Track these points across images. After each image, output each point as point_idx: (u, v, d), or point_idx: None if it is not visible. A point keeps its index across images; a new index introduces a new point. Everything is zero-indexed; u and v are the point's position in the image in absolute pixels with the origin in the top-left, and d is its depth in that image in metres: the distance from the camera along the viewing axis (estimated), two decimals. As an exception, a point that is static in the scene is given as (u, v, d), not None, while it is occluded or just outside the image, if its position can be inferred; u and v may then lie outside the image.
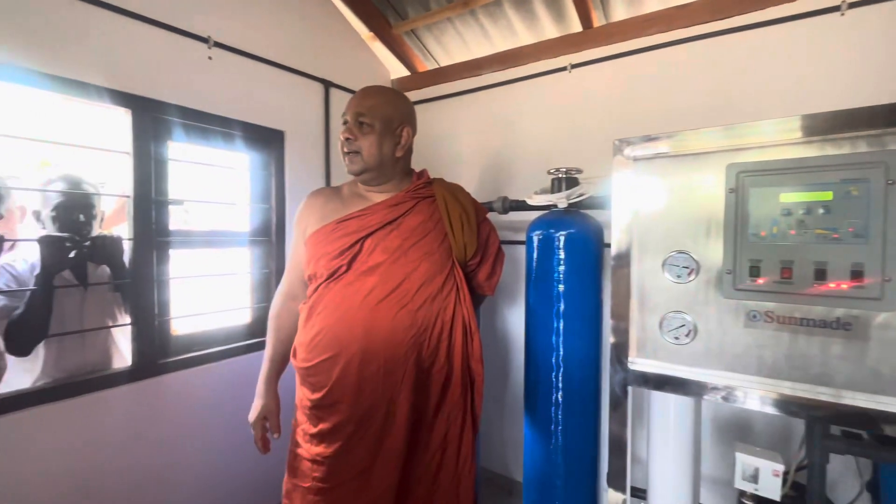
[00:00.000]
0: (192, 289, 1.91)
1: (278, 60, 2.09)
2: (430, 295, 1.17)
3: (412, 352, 1.14)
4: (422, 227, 1.21)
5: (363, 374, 1.12)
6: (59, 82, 1.45)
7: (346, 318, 1.13)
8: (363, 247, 1.17)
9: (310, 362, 1.16)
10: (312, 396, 1.16)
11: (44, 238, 1.47)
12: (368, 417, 1.13)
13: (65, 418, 1.46)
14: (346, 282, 1.16)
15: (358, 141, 1.20)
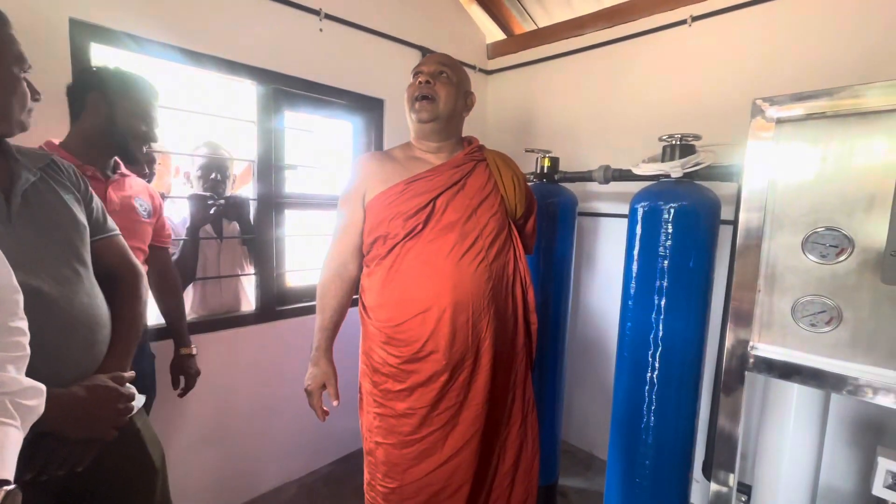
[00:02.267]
0: (303, 246, 2.11)
1: (380, 29, 2.14)
2: (498, 249, 1.27)
3: (492, 301, 1.25)
4: (484, 188, 1.29)
5: (455, 324, 1.20)
6: (196, 57, 1.64)
7: (434, 273, 1.21)
8: (436, 206, 1.24)
9: (399, 319, 1.23)
10: (402, 352, 1.23)
11: (192, 196, 1.73)
12: (459, 364, 1.23)
13: (208, 347, 1.74)
14: (427, 239, 1.22)
15: (436, 87, 1.25)
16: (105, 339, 0.87)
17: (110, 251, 0.97)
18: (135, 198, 1.32)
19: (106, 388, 0.81)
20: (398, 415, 1.24)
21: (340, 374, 1.30)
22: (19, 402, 0.60)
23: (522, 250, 1.36)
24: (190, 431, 1.75)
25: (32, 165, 0.86)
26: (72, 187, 0.91)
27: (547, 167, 1.85)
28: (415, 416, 1.23)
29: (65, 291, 0.80)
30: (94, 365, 0.84)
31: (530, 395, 1.41)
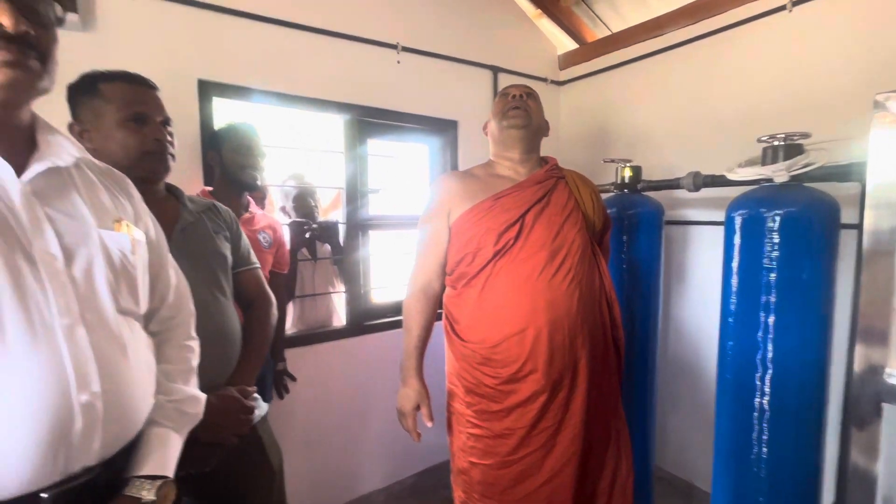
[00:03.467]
0: (386, 264, 2.24)
1: (452, 54, 2.24)
2: (586, 266, 1.26)
3: (585, 319, 1.23)
4: (568, 204, 1.28)
5: (553, 343, 1.19)
6: (292, 100, 1.84)
7: (528, 293, 1.20)
8: (524, 222, 1.23)
9: (495, 340, 1.22)
10: (500, 373, 1.23)
11: (292, 223, 1.93)
12: (559, 383, 1.22)
13: (305, 359, 1.91)
14: (518, 259, 1.22)
15: (528, 102, 1.31)
16: (235, 355, 1.01)
17: (249, 281, 1.15)
18: (259, 232, 1.52)
19: (233, 399, 0.94)
20: (495, 435, 1.23)
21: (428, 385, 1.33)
22: (183, 410, 0.72)
23: (605, 266, 1.34)
24: (288, 435, 1.92)
25: (195, 210, 1.04)
26: (224, 227, 1.09)
27: (628, 177, 1.78)
28: (513, 436, 1.22)
29: (205, 312, 0.95)
30: (224, 377, 0.97)
31: (621, 413, 1.37)
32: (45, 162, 0.60)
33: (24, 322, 0.52)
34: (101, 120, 0.94)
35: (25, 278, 0.54)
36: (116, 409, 0.59)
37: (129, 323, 0.66)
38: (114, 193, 0.71)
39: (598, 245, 1.39)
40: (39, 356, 0.53)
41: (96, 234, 0.63)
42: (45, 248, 0.57)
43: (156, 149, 0.97)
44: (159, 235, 0.79)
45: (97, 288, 0.61)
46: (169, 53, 1.57)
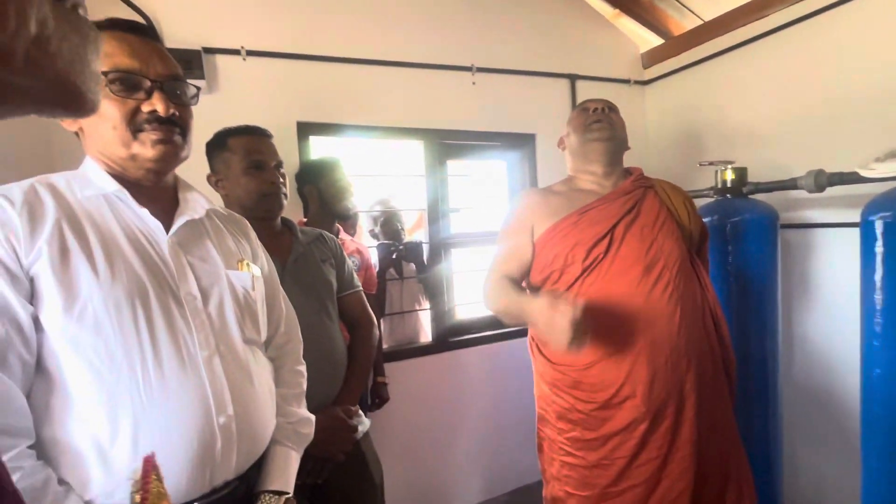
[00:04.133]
0: (469, 281, 2.27)
1: (527, 68, 2.22)
2: (685, 280, 1.17)
3: (688, 338, 1.13)
4: (660, 214, 1.21)
5: (654, 365, 1.10)
6: (377, 130, 1.97)
7: (622, 309, 1.13)
8: (614, 235, 1.17)
9: (587, 361, 1.14)
10: (593, 397, 1.15)
11: (379, 245, 2.05)
12: (661, 411, 1.11)
13: (394, 375, 1.99)
14: (610, 273, 1.15)
15: (610, 115, 1.27)
16: (341, 376, 1.11)
17: (353, 303, 1.27)
18: (350, 256, 1.65)
19: (340, 419, 1.02)
20: (591, 465, 1.16)
21: (509, 403, 1.32)
22: (298, 431, 0.81)
23: (708, 280, 1.23)
24: (385, 449, 2.01)
25: (305, 241, 1.18)
26: (330, 255, 1.22)
27: (731, 180, 1.61)
28: (612, 467, 1.14)
29: (314, 336, 1.05)
30: (332, 396, 1.07)
31: (739, 444, 1.24)
32: (184, 216, 0.72)
33: (175, 354, 0.63)
34: (230, 169, 1.11)
35: (175, 317, 0.65)
36: (247, 429, 0.68)
37: (253, 351, 0.75)
38: (236, 236, 0.83)
39: (696, 257, 1.28)
40: (188, 384, 0.63)
41: (224, 274, 0.74)
42: (189, 290, 0.68)
43: (271, 191, 1.11)
44: (272, 270, 0.90)
45: (228, 322, 0.71)
46: (273, 101, 1.78)
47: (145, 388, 0.60)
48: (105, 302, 0.59)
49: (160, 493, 0.44)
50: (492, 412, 2.19)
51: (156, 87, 0.67)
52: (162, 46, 0.72)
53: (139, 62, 0.67)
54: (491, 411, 2.19)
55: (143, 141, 0.67)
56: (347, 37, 1.89)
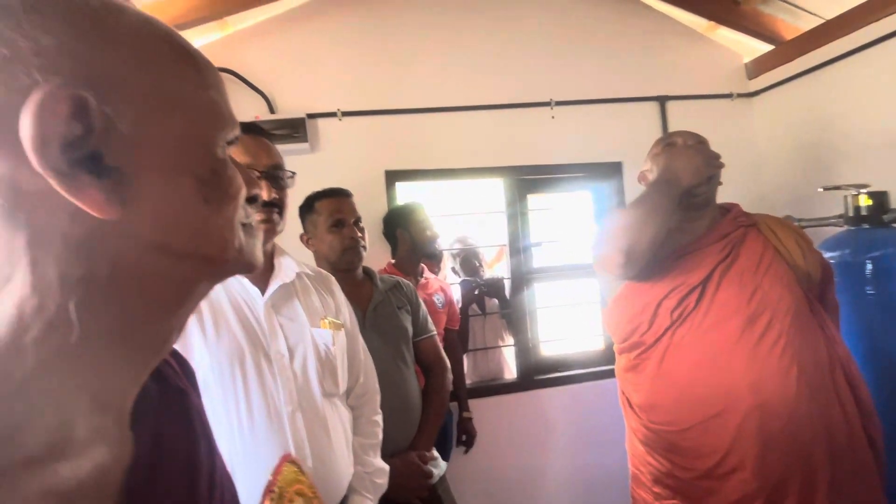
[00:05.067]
0: (554, 317, 2.21)
1: (609, 95, 2.15)
2: (804, 332, 1.00)
3: (811, 401, 0.95)
4: (764, 256, 1.07)
5: (766, 435, 0.94)
6: (458, 172, 2.05)
7: (722, 366, 0.99)
8: (708, 282, 1.05)
9: (684, 424, 1.02)
10: (693, 464, 1.02)
11: (462, 281, 2.11)
12: (780, 489, 0.94)
13: (480, 411, 1.99)
14: (704, 325, 1.03)
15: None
16: (416, 420, 1.16)
17: (428, 348, 1.34)
18: (434, 294, 1.74)
19: (415, 466, 1.07)
20: None
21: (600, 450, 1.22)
22: (374, 481, 0.87)
23: (836, 331, 1.04)
24: (465, 487, 1.99)
25: (384, 289, 1.28)
26: (406, 301, 1.32)
27: (867, 206, 1.36)
28: None
29: (391, 383, 1.12)
30: (407, 441, 1.12)
31: None
32: (278, 281, 0.83)
33: (265, 409, 0.73)
34: (317, 229, 1.26)
35: (265, 374, 0.75)
36: (326, 481, 0.75)
37: (333, 403, 0.83)
38: (321, 293, 0.93)
39: (818, 303, 1.09)
40: (273, 437, 0.72)
41: (309, 332, 0.83)
42: (278, 349, 0.78)
43: (351, 245, 1.24)
44: (353, 323, 0.99)
45: (310, 378, 0.80)
46: (364, 154, 1.97)
47: (240, 438, 0.70)
48: (211, 364, 0.71)
49: (295, 479, 0.54)
50: (580, 458, 2.05)
51: (262, 177, 0.81)
52: (269, 141, 0.86)
53: (251, 157, 0.81)
54: (579, 457, 2.06)
55: None
56: (429, 88, 2.02)
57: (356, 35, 1.98)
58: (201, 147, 0.28)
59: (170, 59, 0.28)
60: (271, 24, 1.94)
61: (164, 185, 0.26)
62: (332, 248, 1.23)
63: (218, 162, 0.29)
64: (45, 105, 0.21)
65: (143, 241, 0.26)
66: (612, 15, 2.17)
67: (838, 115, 1.86)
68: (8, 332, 0.23)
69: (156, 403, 0.32)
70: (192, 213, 0.27)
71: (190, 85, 0.29)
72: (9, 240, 0.22)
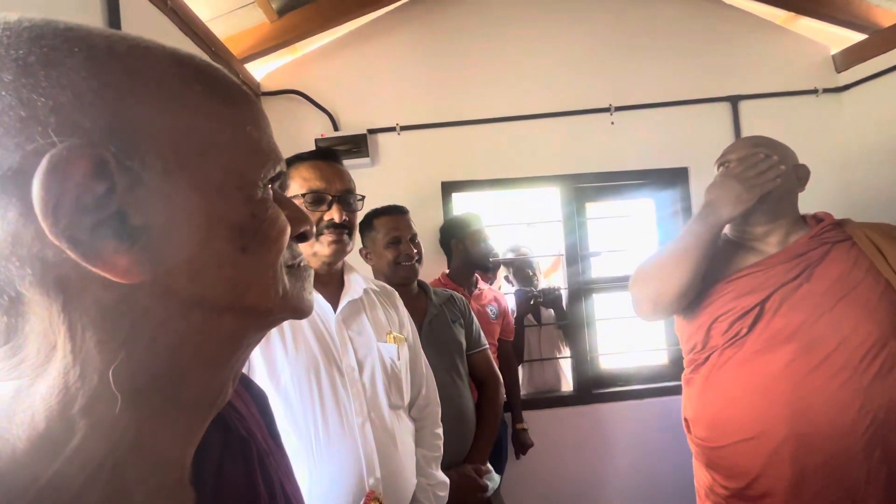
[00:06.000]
0: (614, 329, 2.13)
1: (674, 98, 2.05)
2: (886, 366, 0.90)
3: (875, 444, 0.88)
4: (847, 278, 0.97)
5: (802, 465, 0.91)
6: (514, 182, 2.05)
7: (763, 392, 0.96)
8: (765, 307, 0.99)
9: (718, 442, 1.03)
10: (728, 484, 1.02)
11: (517, 291, 2.10)
12: None
13: (535, 423, 1.96)
14: (753, 350, 0.99)
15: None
16: (471, 433, 1.17)
17: (481, 362, 1.35)
18: (487, 305, 1.74)
19: (471, 479, 1.08)
20: None
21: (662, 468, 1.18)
22: (437, 493, 0.89)
23: None
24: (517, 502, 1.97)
25: (438, 302, 1.31)
26: (459, 315, 1.34)
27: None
28: None
29: (446, 395, 1.14)
30: (462, 454, 1.14)
31: None
32: (348, 297, 0.88)
33: (338, 419, 0.77)
34: (375, 245, 1.31)
35: (338, 386, 0.80)
36: (392, 491, 0.78)
37: (398, 415, 0.87)
38: (386, 308, 0.96)
39: None
40: (345, 447, 0.76)
41: (376, 346, 0.87)
42: (349, 363, 0.83)
43: (407, 261, 1.28)
44: (415, 336, 1.02)
45: (378, 391, 0.84)
46: (421, 166, 2.02)
47: (317, 447, 0.75)
48: (291, 375, 0.77)
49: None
50: (640, 475, 1.96)
51: (335, 201, 0.86)
52: (341, 165, 0.92)
53: (325, 182, 0.87)
54: (638, 474, 1.97)
55: (322, 242, 0.86)
56: (485, 99, 2.04)
57: (413, 51, 2.05)
58: (238, 190, 0.26)
59: (202, 98, 0.26)
60: (334, 45, 2.05)
61: (197, 237, 0.24)
62: (389, 264, 1.28)
63: (257, 205, 0.27)
64: (57, 167, 0.20)
65: (179, 299, 0.25)
66: (675, 12, 2.08)
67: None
68: (57, 404, 0.22)
69: (218, 454, 0.31)
70: (230, 265, 0.26)
71: (225, 123, 0.26)
72: (47, 306, 0.22)
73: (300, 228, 0.31)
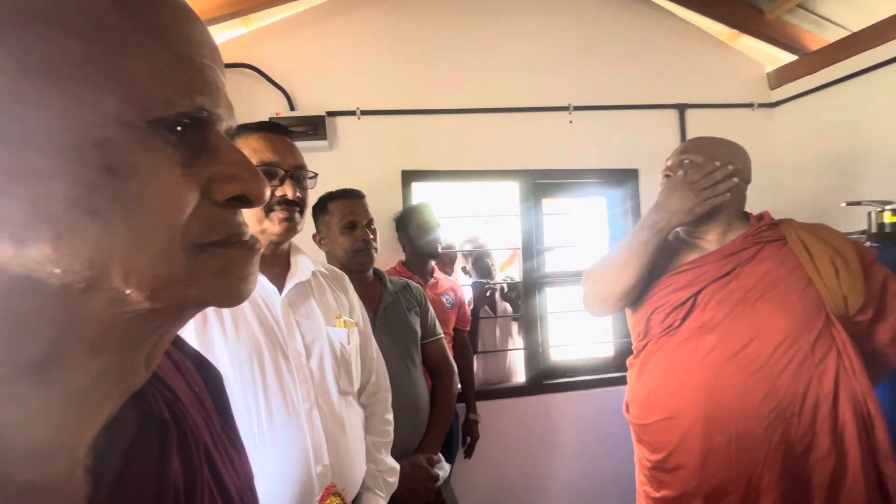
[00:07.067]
0: (563, 322, 2.20)
1: (628, 102, 2.14)
2: (794, 359, 0.98)
3: (775, 428, 0.97)
4: (770, 276, 1.04)
5: (709, 443, 1.01)
6: (474, 174, 2.05)
7: (682, 378, 1.06)
8: (697, 301, 1.07)
9: (644, 420, 1.13)
10: (651, 456, 1.11)
11: (474, 283, 2.11)
12: (720, 495, 1.00)
13: (487, 414, 1.99)
14: (681, 339, 1.07)
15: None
16: (424, 422, 1.16)
17: (435, 351, 1.34)
18: (442, 294, 1.74)
19: (422, 468, 1.07)
20: None
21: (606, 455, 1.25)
22: (386, 479, 0.87)
23: (857, 363, 0.98)
24: (469, 489, 1.99)
25: (393, 289, 1.28)
26: (415, 303, 1.32)
27: (890, 224, 1.34)
28: None
29: (399, 384, 1.13)
30: (415, 444, 1.13)
31: None
32: (295, 279, 0.83)
33: (283, 407, 0.73)
34: (329, 230, 1.27)
35: (283, 372, 0.75)
36: (340, 478, 0.76)
37: (347, 401, 0.84)
38: (336, 292, 0.92)
39: (864, 335, 1.03)
40: (292, 435, 0.72)
41: (325, 330, 0.83)
42: (295, 347, 0.78)
43: (363, 247, 1.25)
44: (366, 322, 0.98)
45: (326, 376, 0.80)
46: (381, 153, 1.98)
47: (259, 436, 0.71)
48: (231, 361, 0.72)
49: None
50: (586, 464, 2.05)
51: (287, 176, 0.82)
52: (292, 142, 0.87)
53: (278, 156, 0.82)
54: (585, 463, 2.05)
55: (272, 219, 0.81)
56: (448, 89, 2.02)
57: (377, 35, 1.99)
58: (89, 130, 0.19)
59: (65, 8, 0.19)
60: (294, 21, 1.95)
61: (24, 191, 0.19)
62: (344, 249, 1.24)
63: (119, 154, 0.20)
64: None
65: (11, 271, 0.20)
66: (633, 21, 2.16)
67: (863, 128, 1.84)
68: None
69: (128, 441, 0.27)
70: (71, 232, 0.20)
71: (95, 34, 0.20)
72: None
73: (231, 189, 0.24)
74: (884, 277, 1.03)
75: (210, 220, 0.24)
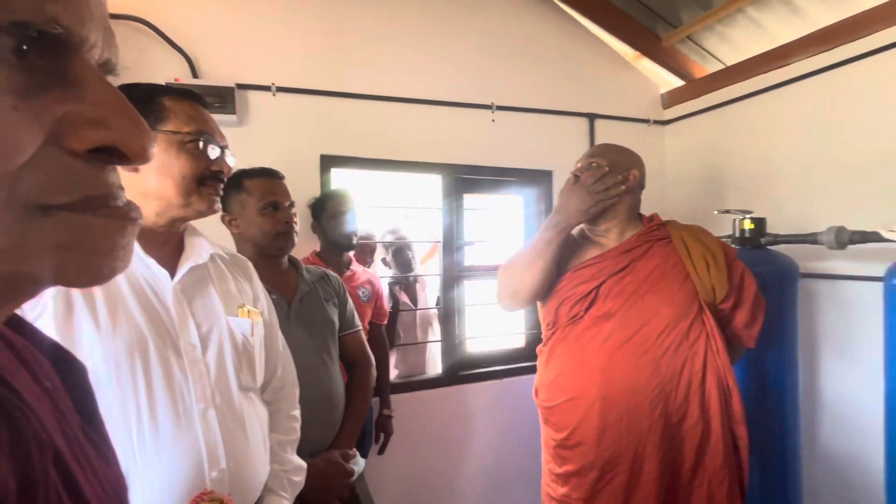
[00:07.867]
0: (480, 315, 2.27)
1: (546, 107, 2.26)
2: (674, 342, 1.14)
3: (657, 403, 1.12)
4: (657, 271, 1.18)
5: (605, 419, 1.13)
6: (396, 165, 2.02)
7: (583, 362, 1.17)
8: (598, 293, 1.19)
9: (551, 402, 1.22)
10: (556, 436, 1.22)
11: (392, 280, 2.08)
12: (612, 466, 1.13)
13: (402, 406, 1.98)
14: (583, 327, 1.19)
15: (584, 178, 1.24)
16: (339, 417, 1.12)
17: (353, 343, 1.29)
18: (359, 287, 1.68)
19: (337, 465, 1.03)
20: (558, 499, 1.21)
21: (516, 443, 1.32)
22: (291, 479, 0.82)
23: (721, 344, 1.16)
24: (385, 483, 1.98)
25: (311, 279, 1.21)
26: (333, 294, 1.25)
27: (749, 230, 1.59)
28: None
29: (314, 377, 1.07)
30: (329, 439, 1.08)
31: None
32: (189, 262, 0.73)
33: (171, 409, 0.64)
34: (245, 209, 1.15)
35: (173, 369, 0.66)
36: (239, 482, 0.69)
37: (249, 398, 0.76)
38: (238, 279, 0.83)
39: (726, 320, 1.22)
40: (181, 439, 0.64)
41: (225, 321, 0.75)
42: (189, 340, 0.69)
43: (285, 230, 1.16)
44: (272, 312, 0.90)
45: (226, 370, 0.72)
46: (299, 135, 1.85)
47: (139, 445, 0.61)
48: (105, 357, 0.61)
49: None
50: (497, 453, 2.15)
51: (223, 151, 0.72)
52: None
53: (214, 130, 0.73)
54: (497, 452, 2.15)
55: (202, 194, 0.71)
56: (373, 74, 1.96)
57: (301, 5, 1.86)
58: None
59: None
60: (201, -23, 1.74)
61: None
62: (264, 232, 1.13)
63: None
64: None
65: None
66: (552, 31, 2.29)
67: (733, 149, 2.15)
68: None
69: None
70: None
71: None
72: None
73: (95, 136, 0.19)
74: (741, 272, 1.23)
75: (58, 175, 0.19)
